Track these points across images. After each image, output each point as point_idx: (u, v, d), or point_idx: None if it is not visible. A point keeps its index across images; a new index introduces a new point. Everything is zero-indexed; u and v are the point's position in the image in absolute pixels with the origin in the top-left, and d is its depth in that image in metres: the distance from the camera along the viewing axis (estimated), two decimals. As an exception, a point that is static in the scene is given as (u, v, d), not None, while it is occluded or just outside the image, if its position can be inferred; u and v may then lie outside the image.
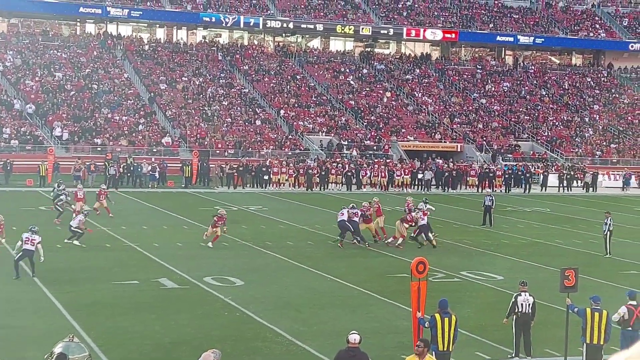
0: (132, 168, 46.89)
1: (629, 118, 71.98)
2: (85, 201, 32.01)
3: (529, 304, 15.84)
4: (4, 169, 44.83)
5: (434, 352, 13.20)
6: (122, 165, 46.73)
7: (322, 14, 74.52)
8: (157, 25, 73.01)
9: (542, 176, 54.31)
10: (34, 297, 19.82)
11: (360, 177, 49.56)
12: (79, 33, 70.58)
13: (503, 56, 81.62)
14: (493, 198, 35.41)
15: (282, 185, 48.29)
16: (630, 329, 15.06)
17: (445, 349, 13.69)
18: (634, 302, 15.28)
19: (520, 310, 15.77)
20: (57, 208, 31.26)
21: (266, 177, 48.23)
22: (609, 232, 28.26)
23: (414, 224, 28.60)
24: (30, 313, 18.29)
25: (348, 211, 28.33)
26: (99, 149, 52.92)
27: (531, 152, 63.47)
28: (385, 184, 49.74)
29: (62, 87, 59.95)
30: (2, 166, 44.98)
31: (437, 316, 13.79)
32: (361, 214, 28.66)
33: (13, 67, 61.48)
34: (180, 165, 48.74)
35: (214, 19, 70.45)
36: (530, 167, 56.17)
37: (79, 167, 44.84)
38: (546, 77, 77.79)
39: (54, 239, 26.33)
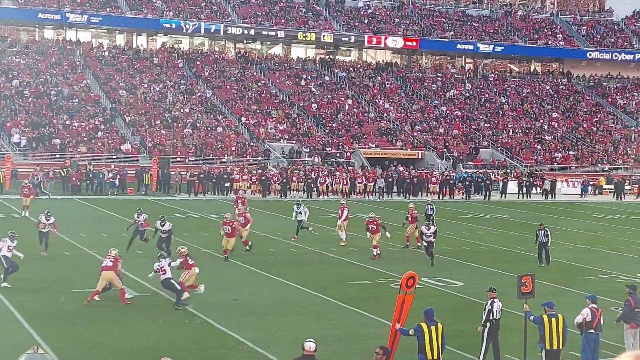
0: (91, 175, 46.44)
1: (587, 126, 72.96)
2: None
3: (500, 310, 15.96)
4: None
5: None
6: (81, 172, 46.33)
7: (283, 20, 74.59)
8: (117, 32, 72.50)
9: (501, 183, 54.83)
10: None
11: (319, 185, 49.56)
12: (38, 39, 69.85)
13: (463, 64, 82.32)
14: (434, 207, 35.30)
15: (244, 192, 48.09)
16: (592, 331, 15.29)
17: (432, 358, 13.69)
18: (595, 305, 15.50)
19: (495, 317, 15.83)
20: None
21: (227, 185, 48.07)
22: (545, 242, 27.34)
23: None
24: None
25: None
26: (57, 155, 52.35)
27: (491, 160, 64.04)
28: (347, 191, 49.83)
29: (21, 94, 59.24)
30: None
31: (424, 325, 13.79)
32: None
33: (-30, 72, 60.64)
34: (134, 172, 48.14)
35: (174, 25, 70.13)
36: (490, 174, 56.65)
37: (36, 174, 44.35)
38: (506, 85, 78.60)
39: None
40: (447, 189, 52.35)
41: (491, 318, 15.76)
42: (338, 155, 59.83)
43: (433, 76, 77.69)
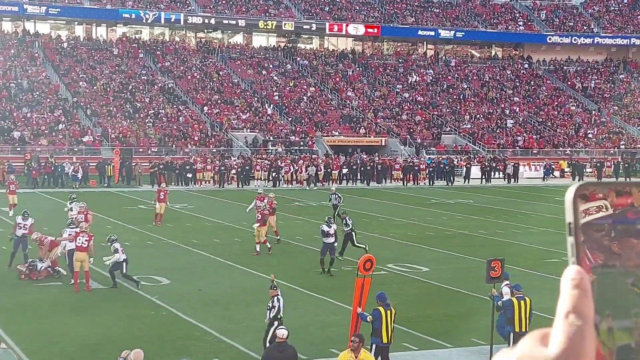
0: (52, 168, 45.89)
1: (548, 110, 73.63)
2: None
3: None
4: None
5: (375, 345, 13.32)
6: (48, 165, 45.82)
7: (243, 9, 74.23)
8: (76, 23, 71.64)
9: (465, 168, 55.15)
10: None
11: (283, 174, 49.38)
12: (-5, 30, 68.84)
13: (425, 50, 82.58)
14: (339, 196, 33.68)
15: (207, 182, 47.94)
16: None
17: (388, 341, 13.78)
18: (508, 282, 16.17)
19: None
20: None
21: (189, 175, 47.76)
22: (351, 232, 25.78)
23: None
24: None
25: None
26: (18, 149, 51.70)
27: (454, 145, 64.39)
28: (312, 179, 49.90)
29: (-21, 86, 58.39)
30: None
31: (381, 309, 13.87)
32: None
33: None
34: (95, 164, 47.64)
35: (134, 16, 69.49)
36: (454, 159, 56.96)
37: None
38: (467, 71, 79.01)
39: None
40: (411, 176, 52.53)
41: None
42: (301, 143, 59.76)
43: (395, 62, 77.86)
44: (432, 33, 79.04)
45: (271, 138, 59.81)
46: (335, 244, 23.61)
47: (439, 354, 16.01)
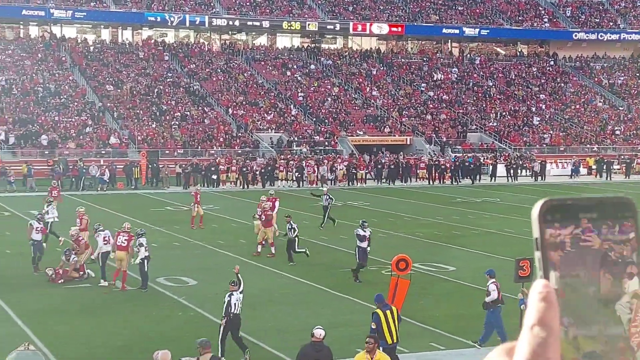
0: (84, 171, 46.10)
1: (575, 107, 73.11)
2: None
3: None
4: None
5: (381, 347, 13.30)
6: (70, 168, 46.13)
7: (267, 10, 74.39)
8: (102, 26, 72.16)
9: (491, 166, 54.92)
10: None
11: (306, 174, 49.30)
12: (23, 36, 69.47)
13: (449, 48, 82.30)
14: (330, 197, 32.40)
15: (231, 184, 48.08)
16: (500, 305, 16.14)
17: (392, 342, 13.77)
18: (494, 279, 16.40)
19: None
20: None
21: (214, 177, 47.76)
22: (295, 238, 25.19)
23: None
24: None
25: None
26: (46, 152, 52.17)
27: (480, 143, 64.12)
28: (341, 177, 50.00)
29: (7, 91, 58.96)
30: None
31: (379, 312, 13.88)
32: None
33: (-45, 71, 60.33)
34: (122, 166, 47.86)
35: (159, 19, 69.85)
36: (480, 157, 56.76)
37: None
38: (492, 68, 78.64)
39: (4, 245, 25.93)
40: (437, 174, 52.39)
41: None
42: (326, 143, 59.79)
43: (419, 61, 77.66)
44: (457, 31, 78.74)
45: (296, 138, 59.90)
46: (368, 249, 22.71)
47: (467, 353, 15.97)
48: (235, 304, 15.45)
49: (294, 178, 48.99)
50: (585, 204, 1.12)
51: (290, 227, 24.93)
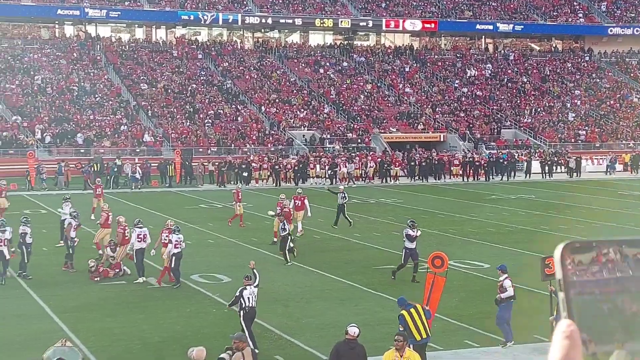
0: (115, 169, 46.48)
1: (610, 102, 72.33)
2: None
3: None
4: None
5: (411, 345, 13.26)
6: (105, 166, 46.54)
7: (300, 8, 74.44)
8: (136, 25, 72.71)
9: (525, 163, 54.54)
10: (21, 301, 19.76)
11: (338, 170, 49.09)
12: (58, 35, 70.22)
13: (483, 44, 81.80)
14: (345, 195, 31.95)
15: (264, 181, 48.15)
16: (513, 300, 16.17)
17: (421, 338, 13.72)
18: (507, 274, 16.40)
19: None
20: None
21: (245, 174, 47.73)
22: (287, 236, 24.64)
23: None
24: (18, 317, 18.23)
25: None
26: (82, 150, 52.68)
27: (514, 140, 63.69)
28: (372, 175, 49.86)
29: (43, 90, 59.64)
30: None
31: (404, 312, 13.83)
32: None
33: (-8, 71, 61.10)
34: (157, 164, 48.09)
35: (192, 17, 70.21)
36: (514, 154, 56.38)
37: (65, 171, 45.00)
38: (527, 64, 78.03)
39: (41, 242, 26.21)
40: (471, 171, 52.10)
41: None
42: (359, 141, 59.73)
43: (453, 57, 77.28)
44: (491, 27, 78.21)
45: (328, 136, 59.90)
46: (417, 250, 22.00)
47: (501, 351, 15.87)
48: (248, 297, 15.83)
49: (327, 175, 48.96)
50: (607, 245, 1.14)
51: (283, 226, 24.56)
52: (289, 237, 24.59)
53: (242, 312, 15.77)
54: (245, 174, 47.71)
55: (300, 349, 16.02)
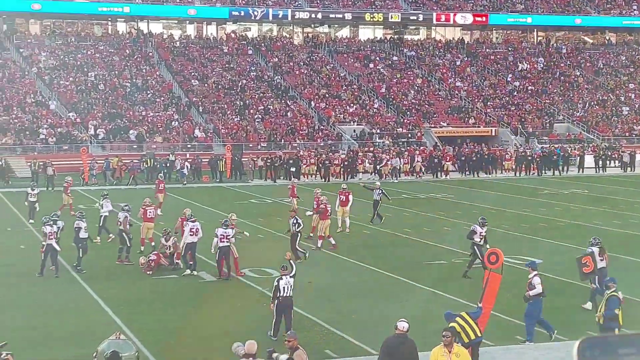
0: (166, 165, 46.92)
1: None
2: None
3: None
4: (44, 171, 44.52)
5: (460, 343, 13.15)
6: (159, 163, 47.09)
7: (350, 2, 74.34)
8: (187, 22, 73.34)
9: (578, 157, 53.82)
10: (75, 294, 20.09)
11: (384, 166, 48.82)
12: (111, 32, 71.15)
13: (535, 38, 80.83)
14: (382, 192, 31.35)
15: (313, 176, 48.19)
16: (542, 297, 16.05)
17: (470, 339, 13.55)
18: (537, 271, 16.30)
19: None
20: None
21: (294, 169, 47.77)
22: (298, 233, 24.25)
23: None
24: (71, 310, 18.54)
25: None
26: (134, 146, 53.35)
27: (567, 134, 62.87)
28: (418, 170, 49.65)
29: (96, 87, 60.50)
30: (42, 167, 44.81)
31: (453, 324, 13.61)
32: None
33: (47, 67, 62.15)
34: (207, 160, 48.53)
35: (242, 13, 70.59)
36: (567, 148, 55.68)
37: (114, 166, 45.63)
38: (580, 57, 76.93)
39: (92, 235, 26.59)
40: (523, 166, 51.56)
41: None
42: (409, 135, 59.50)
43: (504, 51, 76.52)
44: (543, 20, 77.26)
45: (378, 130, 59.78)
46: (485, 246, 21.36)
47: (555, 346, 15.71)
48: (284, 287, 16.10)
49: (375, 170, 48.84)
50: (624, 340, 1.15)
51: (295, 221, 24.02)
52: (299, 235, 24.15)
53: (276, 301, 16.10)
54: (293, 169, 47.82)
55: (350, 343, 16.03)
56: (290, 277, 16.30)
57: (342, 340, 16.17)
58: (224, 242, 21.33)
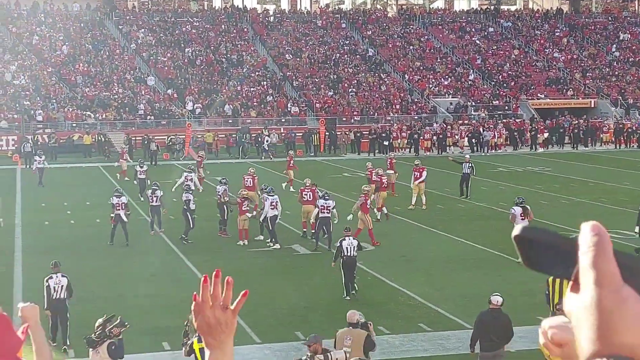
0: (260, 139, 47.45)
1: None
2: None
3: None
4: (142, 145, 45.91)
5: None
6: (251, 137, 47.65)
7: (445, -27, 73.36)
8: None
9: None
10: (172, 266, 20.61)
11: (482, 139, 48.31)
12: (207, 8, 72.03)
13: (637, 7, 78.14)
14: (472, 165, 30.60)
15: (403, 150, 47.93)
16: None
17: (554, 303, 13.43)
18: None
19: None
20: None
21: (386, 143, 47.62)
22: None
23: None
24: (169, 281, 19.04)
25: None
26: (230, 121, 54.04)
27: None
28: (502, 143, 48.93)
29: (193, 62, 61.43)
30: (142, 142, 46.21)
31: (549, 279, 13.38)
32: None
33: (145, 44, 63.43)
34: (302, 134, 48.99)
35: (336, -14, 70.51)
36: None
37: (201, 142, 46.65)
38: (685, 25, 74.07)
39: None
40: (623, 138, 50.14)
41: None
42: (506, 107, 58.53)
43: (604, 20, 74.24)
44: (645, -13, 74.62)
45: (473, 103, 58.99)
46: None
47: None
48: (347, 247, 17.12)
49: (467, 144, 48.28)
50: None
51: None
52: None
53: (341, 260, 17.09)
54: (386, 143, 47.70)
55: (444, 317, 16.01)
56: (353, 238, 17.54)
57: (437, 314, 16.16)
58: (324, 212, 21.52)
